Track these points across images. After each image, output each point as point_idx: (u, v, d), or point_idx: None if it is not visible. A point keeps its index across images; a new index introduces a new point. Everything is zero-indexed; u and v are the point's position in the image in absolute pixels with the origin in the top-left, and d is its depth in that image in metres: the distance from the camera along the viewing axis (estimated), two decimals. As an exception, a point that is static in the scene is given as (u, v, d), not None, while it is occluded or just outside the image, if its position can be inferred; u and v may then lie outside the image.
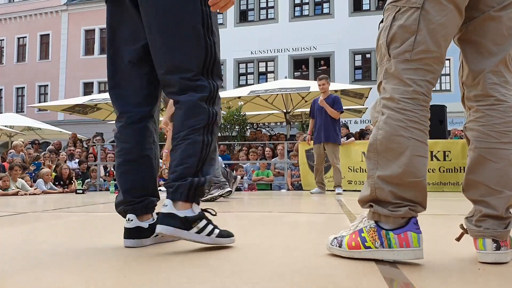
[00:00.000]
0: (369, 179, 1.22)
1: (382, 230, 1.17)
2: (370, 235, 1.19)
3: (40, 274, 1.12)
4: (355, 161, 7.01)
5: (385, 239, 1.16)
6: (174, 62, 1.43)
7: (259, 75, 20.12)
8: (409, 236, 1.14)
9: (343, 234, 1.30)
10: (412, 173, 1.15)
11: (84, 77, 22.44)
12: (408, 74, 1.19)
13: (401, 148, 1.16)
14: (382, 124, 1.21)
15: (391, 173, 1.17)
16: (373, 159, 1.21)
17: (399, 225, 1.16)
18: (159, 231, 1.39)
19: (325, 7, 19.80)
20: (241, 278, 1.06)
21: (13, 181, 6.63)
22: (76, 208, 3.48)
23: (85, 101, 11.04)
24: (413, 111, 1.18)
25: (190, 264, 1.22)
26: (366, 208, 1.24)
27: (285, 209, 3.45)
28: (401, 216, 1.15)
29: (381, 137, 1.20)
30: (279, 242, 1.65)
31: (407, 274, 1.07)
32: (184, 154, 1.40)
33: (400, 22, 1.19)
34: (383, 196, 1.18)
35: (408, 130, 1.17)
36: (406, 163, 1.15)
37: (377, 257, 1.18)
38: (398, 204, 1.16)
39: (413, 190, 1.16)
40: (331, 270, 1.14)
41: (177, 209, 1.38)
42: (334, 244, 1.30)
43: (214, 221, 1.48)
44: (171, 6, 1.41)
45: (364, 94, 10.11)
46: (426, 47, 1.17)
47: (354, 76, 19.10)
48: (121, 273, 1.11)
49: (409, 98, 1.18)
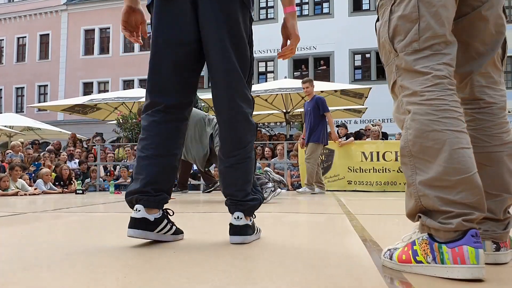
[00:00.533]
0: (410, 188, 1.09)
1: (434, 243, 1.02)
2: (422, 248, 1.05)
3: (40, 274, 1.12)
4: (355, 161, 7.01)
5: (438, 253, 1.01)
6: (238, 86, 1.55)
7: (259, 75, 20.12)
8: (464, 251, 0.97)
9: (397, 246, 1.17)
10: (457, 170, 1.00)
11: (83, 77, 22.44)
12: (421, 64, 1.09)
13: (438, 144, 1.02)
14: (409, 122, 1.08)
15: (433, 175, 1.03)
16: (410, 164, 1.09)
17: (454, 238, 1.00)
18: (241, 241, 1.55)
19: (325, 7, 19.80)
20: (241, 277, 1.06)
21: (13, 181, 6.63)
22: (76, 208, 3.48)
23: (84, 101, 11.05)
24: (441, 99, 1.05)
25: (190, 263, 1.22)
26: (416, 221, 1.11)
27: (284, 209, 3.45)
28: (453, 229, 0.99)
29: (412, 137, 1.07)
30: (278, 242, 1.65)
31: (408, 275, 1.07)
32: (248, 171, 1.59)
33: (398, 13, 1.13)
34: (430, 205, 1.04)
35: (440, 122, 1.04)
36: (448, 160, 1.01)
37: (429, 273, 1.03)
38: (449, 213, 1.01)
39: (463, 191, 1.00)
40: (331, 270, 1.14)
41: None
42: (386, 255, 1.18)
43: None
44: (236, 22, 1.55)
45: (364, 94, 10.12)
46: (433, 32, 1.08)
47: (354, 76, 19.11)
48: (121, 273, 1.11)
49: (432, 85, 1.06)
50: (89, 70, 22.18)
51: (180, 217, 2.85)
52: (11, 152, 8.73)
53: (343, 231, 1.99)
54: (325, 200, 4.47)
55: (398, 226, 2.25)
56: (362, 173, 6.94)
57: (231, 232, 1.57)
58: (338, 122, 15.01)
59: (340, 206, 3.48)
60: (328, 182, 7.01)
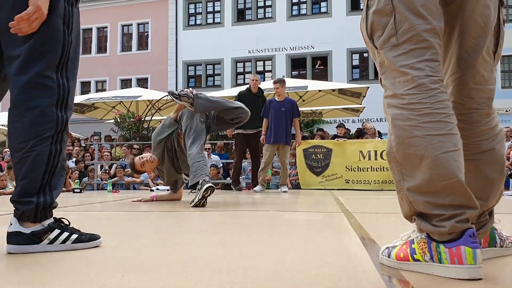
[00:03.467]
0: (400, 193, 1.08)
1: (432, 242, 1.02)
2: (420, 246, 1.05)
3: (37, 273, 1.11)
4: (352, 161, 7.02)
5: (435, 252, 1.01)
6: None
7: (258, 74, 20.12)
8: (462, 251, 0.97)
9: (395, 245, 1.16)
10: (442, 176, 0.98)
11: (81, 76, 22.32)
12: (401, 61, 1.04)
13: (420, 151, 1.00)
14: (391, 128, 1.07)
15: (419, 181, 1.02)
16: (396, 170, 1.08)
17: (452, 238, 0.99)
18: (9, 250, 1.37)
19: (323, 6, 19.79)
20: (238, 277, 1.06)
21: (11, 180, 6.61)
22: (73, 207, 3.48)
23: (82, 100, 11.02)
24: (421, 102, 1.01)
25: (188, 263, 1.22)
26: (414, 222, 1.10)
27: (282, 208, 3.45)
28: (447, 232, 0.99)
29: (395, 143, 1.06)
30: (276, 241, 1.66)
31: (406, 273, 1.07)
32: (30, 167, 1.37)
33: (373, 8, 1.09)
34: (421, 209, 1.03)
35: (421, 128, 1.01)
36: (432, 166, 0.99)
37: (426, 271, 1.04)
38: (441, 215, 0.99)
39: (451, 194, 0.99)
40: (329, 269, 1.14)
41: (24, 227, 1.39)
42: (384, 253, 1.17)
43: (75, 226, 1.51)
44: None
45: (361, 93, 10.14)
46: (409, 23, 1.03)
47: (351, 75, 19.12)
48: (119, 272, 1.11)
49: (413, 87, 1.03)
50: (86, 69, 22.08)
51: (180, 216, 2.85)
52: (9, 151, 8.69)
53: (341, 230, 2.00)
54: (323, 198, 4.48)
55: (395, 225, 2.25)
56: (359, 172, 6.95)
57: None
58: (336, 121, 15.06)
59: (338, 205, 3.48)
60: (326, 181, 7.02)
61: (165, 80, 20.90)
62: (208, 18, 21.10)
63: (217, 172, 7.86)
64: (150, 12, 21.65)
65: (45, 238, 1.40)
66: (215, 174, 7.76)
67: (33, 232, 1.39)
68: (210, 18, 21.10)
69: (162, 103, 10.73)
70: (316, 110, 13.12)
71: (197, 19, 21.26)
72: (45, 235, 1.40)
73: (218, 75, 20.67)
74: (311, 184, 7.07)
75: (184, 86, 20.40)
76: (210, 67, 20.86)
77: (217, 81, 20.63)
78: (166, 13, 21.49)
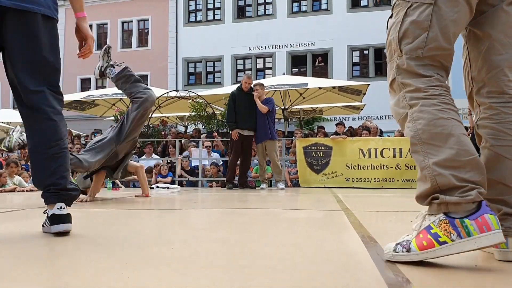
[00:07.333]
0: (424, 170, 1.13)
1: (455, 220, 1.06)
2: (442, 228, 1.08)
3: (38, 270, 1.12)
4: (352, 159, 7.02)
5: (462, 228, 1.05)
6: None
7: (257, 71, 20.09)
8: (487, 219, 1.04)
9: (407, 238, 1.17)
10: (466, 151, 1.10)
11: (81, 73, 22.34)
12: (421, 70, 1.18)
13: (446, 129, 1.12)
14: (417, 114, 1.16)
15: (446, 156, 1.10)
16: (421, 151, 1.15)
17: (472, 211, 1.06)
18: (67, 228, 1.68)
19: (323, 3, 19.75)
20: (238, 273, 1.06)
21: (10, 177, 6.61)
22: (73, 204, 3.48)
23: (82, 97, 11.01)
24: (443, 95, 1.16)
25: (186, 259, 1.23)
26: (427, 204, 1.14)
27: (283, 205, 3.45)
28: (472, 200, 1.06)
29: (421, 126, 1.15)
30: (277, 239, 1.66)
31: (407, 272, 1.07)
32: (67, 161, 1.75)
33: (412, 18, 1.18)
34: (445, 182, 1.09)
35: (446, 112, 1.14)
36: (457, 143, 1.10)
37: (455, 251, 1.06)
38: (464, 187, 1.08)
39: (472, 170, 1.09)
40: (330, 267, 1.14)
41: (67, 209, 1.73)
42: (400, 250, 1.15)
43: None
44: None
45: (362, 90, 10.11)
46: (438, 44, 1.16)
47: (352, 72, 19.09)
48: (118, 269, 1.11)
49: (434, 86, 1.16)
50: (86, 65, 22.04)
51: (180, 213, 2.85)
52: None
53: (341, 228, 2.00)
54: (323, 196, 4.48)
55: (395, 223, 2.26)
56: (360, 170, 6.95)
57: (55, 222, 1.67)
58: (336, 119, 15.03)
59: (338, 203, 3.48)
60: (326, 179, 7.02)
61: (165, 77, 20.88)
62: (208, 15, 21.06)
63: (217, 170, 7.86)
64: (150, 8, 21.61)
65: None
66: (215, 172, 7.76)
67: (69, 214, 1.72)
68: (210, 15, 21.05)
69: (162, 100, 10.72)
70: (316, 108, 13.10)
71: (197, 16, 21.21)
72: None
73: (218, 72, 20.64)
74: (311, 182, 7.07)
75: (184, 83, 20.38)
76: (210, 64, 20.83)
77: (217, 78, 20.61)
78: (166, 9, 21.44)
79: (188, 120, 11.68)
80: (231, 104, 6.42)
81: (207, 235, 1.77)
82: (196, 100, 10.14)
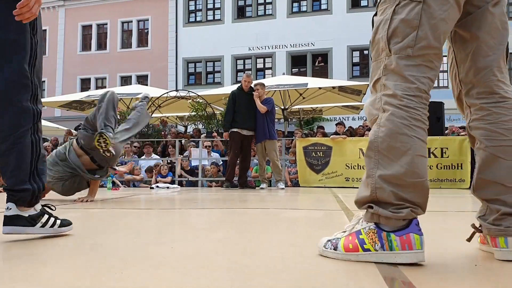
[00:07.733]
0: (369, 179, 1.17)
1: (382, 232, 1.13)
2: (369, 237, 1.14)
3: (37, 270, 1.11)
4: (352, 159, 7.02)
5: (386, 241, 1.12)
6: None
7: (257, 72, 20.09)
8: (411, 238, 1.10)
9: (338, 237, 1.24)
10: (415, 173, 1.11)
11: (81, 73, 22.34)
12: (410, 71, 1.15)
13: (405, 147, 1.12)
14: (384, 121, 1.16)
15: (393, 172, 1.12)
16: (374, 158, 1.16)
17: (401, 227, 1.11)
18: (7, 232, 1.53)
19: (323, 3, 19.76)
20: (238, 273, 1.06)
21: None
22: (73, 204, 3.48)
23: (82, 97, 11.02)
24: (416, 109, 1.14)
25: (187, 260, 1.22)
26: (364, 209, 1.19)
27: (283, 205, 3.45)
28: (403, 217, 1.11)
29: (383, 135, 1.15)
30: (277, 239, 1.66)
31: (406, 272, 1.07)
32: (19, 158, 1.53)
33: (401, 16, 1.15)
34: (384, 197, 1.13)
35: (411, 129, 1.13)
36: (409, 163, 1.11)
37: (375, 260, 1.13)
38: (399, 205, 1.11)
39: (415, 191, 1.12)
40: (330, 267, 1.14)
41: (21, 211, 1.55)
42: (328, 246, 1.24)
43: (54, 213, 1.67)
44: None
45: (361, 90, 10.12)
46: (427, 42, 1.14)
47: (352, 72, 19.10)
48: (118, 269, 1.11)
49: (412, 95, 1.14)
50: (86, 66, 22.08)
51: (180, 213, 2.85)
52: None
53: (341, 228, 1.99)
54: (323, 196, 4.48)
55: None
56: (360, 170, 6.94)
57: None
58: (336, 119, 15.03)
59: (338, 203, 3.48)
60: (326, 179, 7.02)
61: (165, 77, 20.88)
62: (208, 15, 21.07)
63: (217, 170, 7.85)
64: (150, 9, 21.61)
65: (39, 221, 1.58)
66: (215, 172, 7.76)
67: (30, 216, 1.56)
68: (210, 15, 21.06)
69: (162, 100, 10.73)
70: (316, 108, 13.11)
71: (197, 16, 21.23)
72: (38, 219, 1.58)
73: (218, 72, 20.64)
74: (311, 182, 7.07)
75: (184, 83, 20.38)
76: (210, 64, 20.84)
77: (217, 78, 20.62)
78: (166, 10, 21.45)
79: (188, 120, 11.69)
80: (230, 103, 6.43)
81: (207, 235, 1.76)
82: (196, 100, 10.14)
